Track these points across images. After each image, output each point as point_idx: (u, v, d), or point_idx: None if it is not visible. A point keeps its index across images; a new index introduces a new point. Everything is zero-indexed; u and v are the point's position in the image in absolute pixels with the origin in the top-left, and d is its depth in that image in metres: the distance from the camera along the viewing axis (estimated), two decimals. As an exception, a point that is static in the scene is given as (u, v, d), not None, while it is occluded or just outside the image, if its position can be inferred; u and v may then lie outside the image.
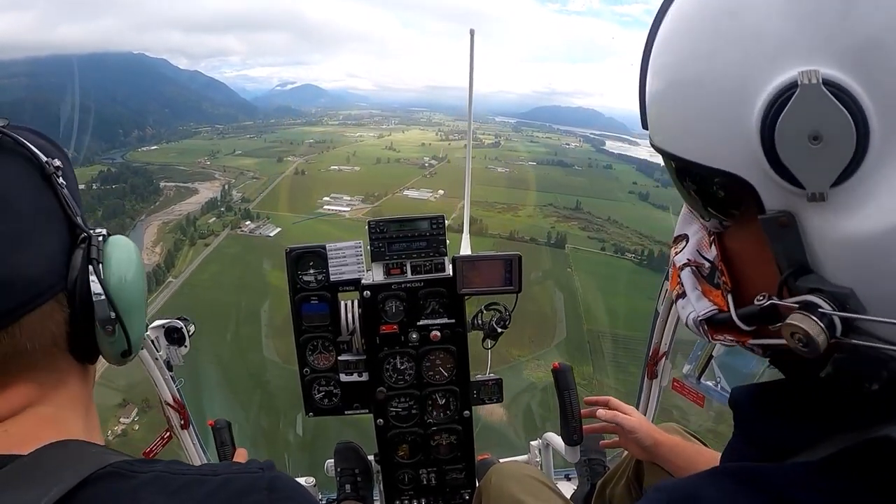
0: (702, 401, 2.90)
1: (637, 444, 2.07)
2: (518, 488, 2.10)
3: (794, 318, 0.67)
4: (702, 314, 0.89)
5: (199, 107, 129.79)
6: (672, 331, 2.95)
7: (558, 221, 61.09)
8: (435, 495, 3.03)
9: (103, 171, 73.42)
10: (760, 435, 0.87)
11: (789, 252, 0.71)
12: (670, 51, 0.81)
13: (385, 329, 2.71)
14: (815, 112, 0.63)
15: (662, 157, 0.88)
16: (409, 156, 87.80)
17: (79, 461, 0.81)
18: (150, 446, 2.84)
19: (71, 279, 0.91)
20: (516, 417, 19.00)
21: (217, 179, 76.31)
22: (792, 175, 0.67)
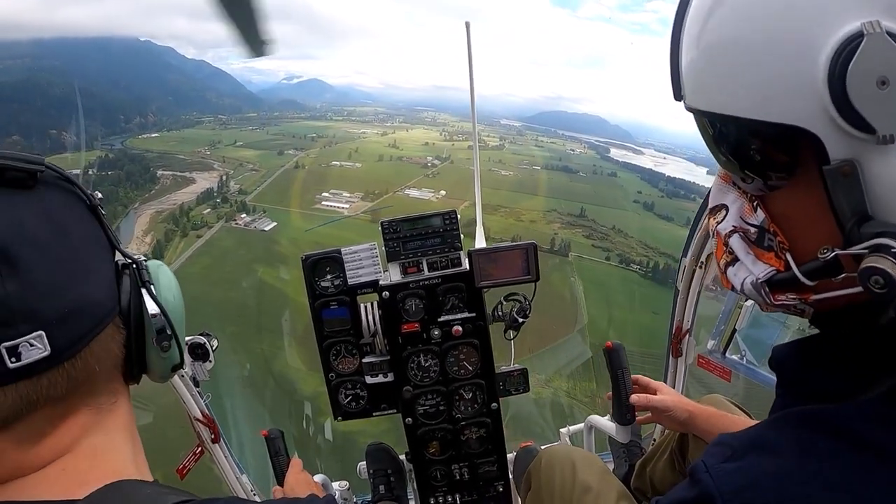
0: (728, 375, 2.90)
1: (671, 420, 2.12)
2: (570, 469, 2.09)
3: (869, 260, 0.70)
4: (762, 276, 0.91)
5: (204, 96, 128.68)
6: (693, 307, 2.96)
7: (562, 228, 59.71)
8: (469, 489, 3.00)
9: (101, 157, 72.15)
10: (810, 386, 0.92)
11: (852, 201, 0.74)
12: (715, 13, 0.83)
13: (406, 328, 2.70)
14: (883, 58, 0.68)
15: (705, 122, 0.92)
16: (412, 155, 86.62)
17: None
18: (182, 463, 2.81)
19: (124, 302, 0.96)
20: (544, 407, 18.44)
21: (216, 170, 75.35)
22: (862, 120, 0.70)
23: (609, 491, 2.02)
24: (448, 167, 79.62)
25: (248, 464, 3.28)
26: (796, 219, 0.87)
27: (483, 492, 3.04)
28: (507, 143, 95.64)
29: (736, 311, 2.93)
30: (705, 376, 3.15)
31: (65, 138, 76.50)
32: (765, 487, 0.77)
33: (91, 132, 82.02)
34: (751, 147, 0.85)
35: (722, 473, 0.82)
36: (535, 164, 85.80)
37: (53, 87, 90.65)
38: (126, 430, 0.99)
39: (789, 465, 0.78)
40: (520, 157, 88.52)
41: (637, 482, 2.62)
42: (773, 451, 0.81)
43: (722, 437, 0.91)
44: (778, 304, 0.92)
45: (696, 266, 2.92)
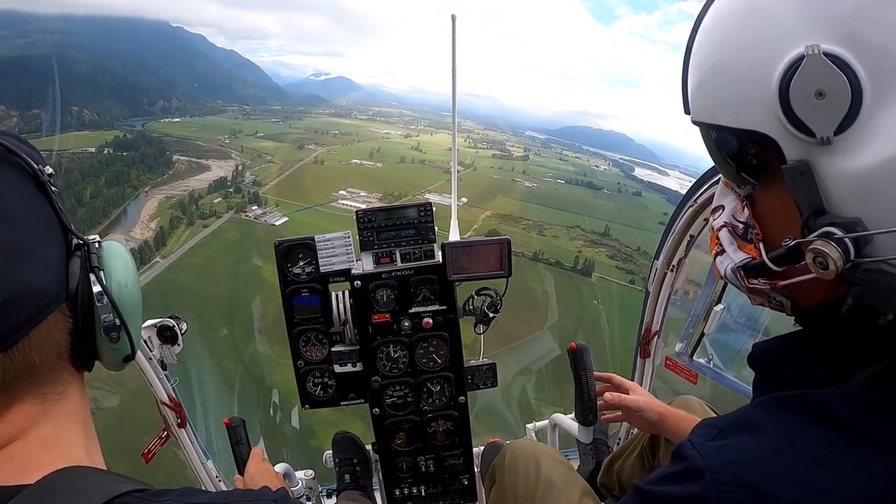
0: (695, 378, 2.97)
1: (643, 420, 2.14)
2: (535, 465, 2.12)
3: (815, 244, 0.83)
4: (738, 262, 1.06)
5: (230, 86, 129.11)
6: (663, 309, 3.04)
7: (585, 246, 56.75)
8: (434, 482, 3.00)
9: (118, 137, 71.77)
10: (792, 375, 1.00)
11: (808, 196, 0.88)
12: (709, 43, 1.00)
13: (377, 318, 2.68)
14: (818, 74, 0.82)
15: (704, 132, 1.07)
16: (435, 159, 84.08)
17: (89, 491, 0.81)
18: (147, 447, 2.80)
19: (72, 288, 0.91)
20: (511, 402, 18.75)
21: (232, 159, 74.05)
22: (804, 125, 0.84)
23: (572, 487, 2.05)
24: (471, 174, 77.81)
25: (215, 450, 3.23)
26: (772, 215, 1.01)
27: (448, 484, 3.02)
28: (532, 155, 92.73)
29: (705, 316, 2.88)
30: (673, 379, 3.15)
31: (85, 115, 76.86)
32: (751, 462, 0.84)
33: (112, 111, 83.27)
34: (735, 153, 1.01)
35: (709, 449, 0.89)
36: (559, 177, 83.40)
37: (79, 64, 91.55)
38: (77, 419, 0.95)
39: (774, 443, 0.86)
40: (544, 169, 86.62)
41: (604, 479, 2.66)
42: (758, 430, 0.89)
43: (706, 420, 1.01)
44: (751, 287, 1.05)
45: (667, 269, 2.95)
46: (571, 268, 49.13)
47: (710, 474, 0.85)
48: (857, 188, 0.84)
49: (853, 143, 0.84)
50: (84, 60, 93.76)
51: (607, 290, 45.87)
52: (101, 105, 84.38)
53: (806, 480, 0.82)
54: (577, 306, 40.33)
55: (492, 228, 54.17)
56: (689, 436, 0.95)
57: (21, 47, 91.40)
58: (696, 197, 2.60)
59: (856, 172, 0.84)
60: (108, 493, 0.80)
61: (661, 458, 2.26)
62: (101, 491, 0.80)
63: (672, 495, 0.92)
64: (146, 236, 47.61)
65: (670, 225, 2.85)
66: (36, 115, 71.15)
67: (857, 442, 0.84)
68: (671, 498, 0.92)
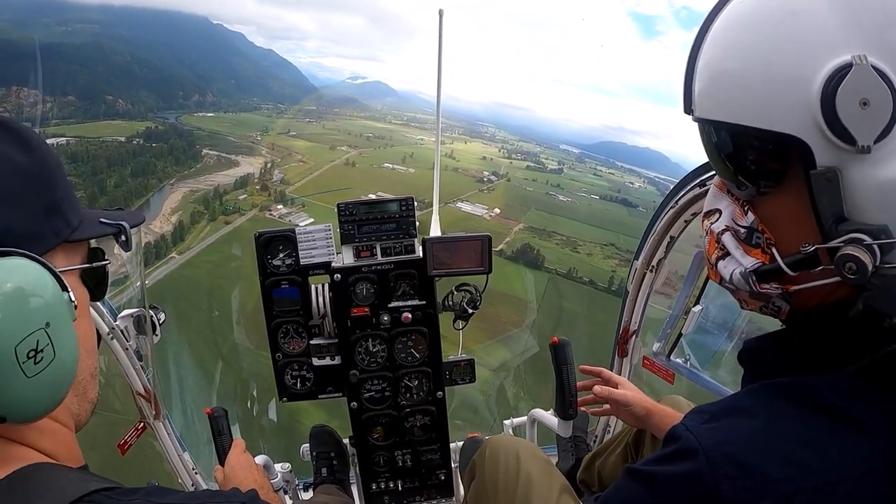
0: (672, 378, 2.99)
1: (630, 414, 2.18)
2: (515, 460, 2.13)
3: (846, 250, 0.86)
4: (750, 267, 1.06)
5: (266, 84, 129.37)
6: (641, 309, 3.09)
7: (620, 265, 53.74)
8: (411, 476, 3.03)
9: (150, 128, 71.73)
10: (781, 369, 1.02)
11: (832, 204, 0.89)
12: (732, 42, 1.00)
13: (356, 312, 2.71)
14: (865, 83, 0.84)
15: (708, 132, 1.08)
16: (469, 167, 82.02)
17: (59, 488, 0.80)
18: (123, 438, 2.76)
19: None
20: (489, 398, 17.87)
21: (262, 156, 73.64)
22: (847, 133, 0.86)
23: (552, 483, 2.06)
24: (505, 185, 76.18)
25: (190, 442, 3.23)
26: (783, 220, 1.02)
27: (425, 479, 3.05)
28: (566, 168, 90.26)
29: (683, 316, 2.92)
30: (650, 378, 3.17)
31: (119, 105, 77.15)
32: (743, 442, 0.89)
33: (147, 103, 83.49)
34: (748, 155, 1.01)
35: (703, 430, 0.92)
36: (594, 193, 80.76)
37: (116, 54, 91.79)
38: (44, 428, 0.91)
39: (765, 426, 0.90)
40: (578, 183, 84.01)
41: (584, 475, 2.70)
42: (750, 413, 0.93)
43: (698, 406, 1.05)
44: (762, 291, 1.05)
45: (646, 269, 2.97)
46: (605, 288, 46.68)
47: (704, 453, 0.88)
48: (886, 196, 0.87)
49: (887, 153, 0.86)
50: (122, 51, 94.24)
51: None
52: (136, 96, 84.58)
53: (796, 460, 0.85)
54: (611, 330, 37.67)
55: (525, 242, 53.00)
56: (682, 420, 0.97)
57: (60, 35, 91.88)
58: (678, 198, 2.59)
59: (887, 181, 0.86)
60: (78, 491, 0.78)
61: (646, 455, 2.22)
62: (71, 488, 0.78)
63: (667, 474, 0.95)
64: (165, 230, 46.15)
65: (651, 226, 2.87)
66: (70, 101, 71.52)
67: (844, 426, 0.87)
68: (666, 476, 0.95)
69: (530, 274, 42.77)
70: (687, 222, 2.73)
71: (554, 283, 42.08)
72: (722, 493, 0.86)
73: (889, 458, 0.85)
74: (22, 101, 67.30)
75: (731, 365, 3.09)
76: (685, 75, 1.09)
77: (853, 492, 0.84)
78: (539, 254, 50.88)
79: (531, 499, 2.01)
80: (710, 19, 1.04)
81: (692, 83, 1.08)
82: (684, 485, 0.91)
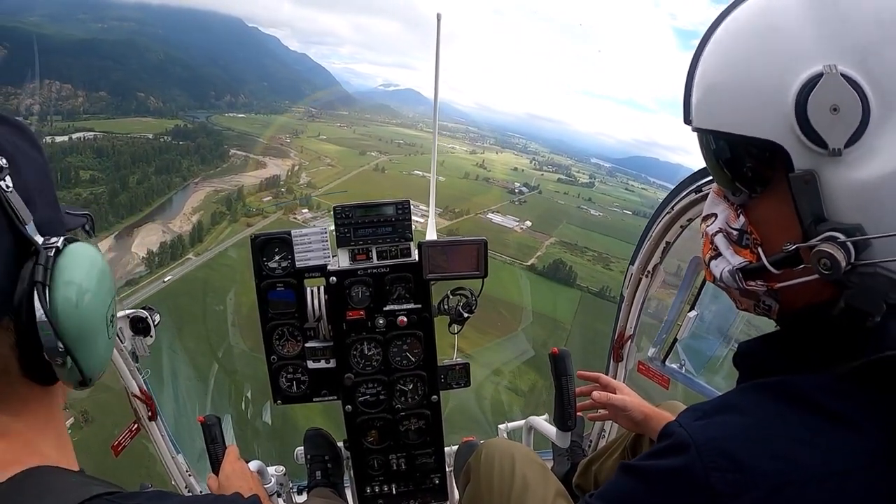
0: (667, 383, 3.02)
1: (628, 419, 2.20)
2: (510, 464, 2.15)
3: (820, 247, 0.92)
4: (737, 265, 1.12)
5: (299, 87, 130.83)
6: (637, 314, 3.12)
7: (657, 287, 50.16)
8: (405, 480, 3.03)
9: (179, 126, 72.36)
10: (773, 369, 1.06)
11: (811, 204, 0.95)
12: (724, 55, 1.07)
13: (351, 315, 2.70)
14: (835, 91, 0.90)
15: (706, 141, 1.14)
16: (500, 178, 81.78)
17: (60, 492, 0.80)
18: (117, 439, 2.83)
19: (17, 300, 0.82)
20: (484, 402, 17.62)
21: (290, 158, 73.67)
22: (818, 136, 0.92)
23: (547, 488, 2.07)
24: (536, 197, 75.22)
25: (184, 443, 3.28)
26: (769, 222, 1.08)
27: (419, 483, 3.05)
28: (598, 182, 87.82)
29: (678, 322, 2.97)
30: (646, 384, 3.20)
31: (151, 103, 78.18)
32: (734, 438, 0.92)
33: (178, 101, 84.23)
34: (738, 162, 1.08)
35: (695, 427, 0.96)
36: (626, 208, 77.97)
37: (150, 52, 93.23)
38: (48, 427, 0.92)
39: (755, 422, 0.94)
40: (610, 198, 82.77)
41: (580, 480, 2.72)
42: (741, 411, 0.97)
43: (692, 405, 1.08)
44: (748, 288, 1.12)
45: (642, 275, 3.00)
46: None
47: (696, 448, 0.92)
48: (859, 197, 0.93)
49: (859, 156, 0.92)
50: (156, 49, 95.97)
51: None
52: (168, 94, 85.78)
53: (785, 455, 0.89)
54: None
55: (558, 258, 51.70)
56: (676, 418, 1.02)
57: (96, 31, 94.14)
58: (673, 204, 2.63)
59: (859, 183, 0.92)
60: (81, 495, 0.78)
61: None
62: (73, 492, 0.78)
63: (660, 468, 0.98)
64: (184, 229, 44.88)
65: (646, 231, 2.92)
66: (102, 97, 72.62)
67: (831, 423, 0.91)
68: (659, 470, 0.98)
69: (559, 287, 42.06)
70: (683, 228, 2.78)
71: (585, 303, 41.82)
72: (713, 485, 0.89)
73: (876, 454, 0.88)
74: (53, 94, 67.12)
75: (725, 370, 3.11)
76: (685, 88, 1.14)
77: (840, 486, 0.87)
78: (571, 270, 49.86)
79: (526, 503, 2.01)
80: (707, 35, 1.10)
81: (691, 95, 1.13)
82: (677, 478, 0.94)
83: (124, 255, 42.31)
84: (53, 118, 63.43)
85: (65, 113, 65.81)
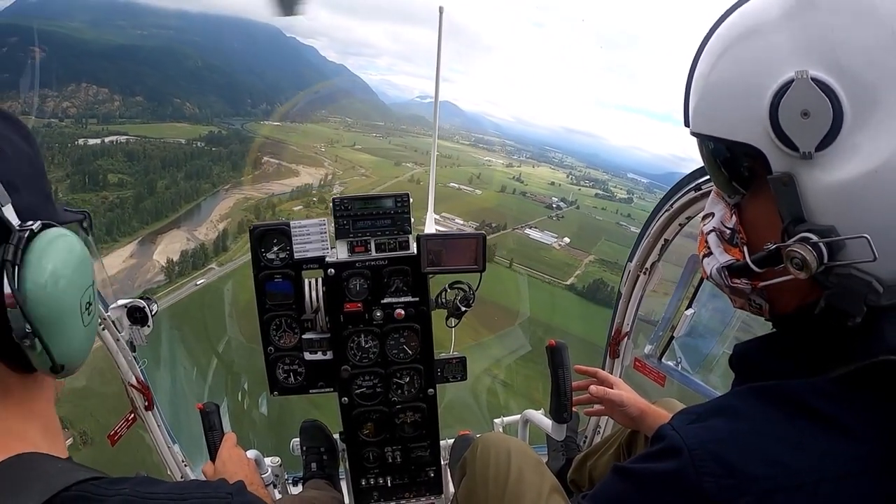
0: (662, 380, 3.04)
1: (624, 415, 2.22)
2: (506, 458, 2.14)
3: (792, 247, 0.95)
4: (724, 262, 1.17)
5: (336, 98, 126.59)
6: (634, 311, 3.14)
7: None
8: (400, 473, 3.05)
9: (213, 132, 72.72)
10: (768, 370, 1.08)
11: (789, 205, 0.99)
12: (713, 61, 1.10)
13: (349, 307, 2.70)
14: (805, 96, 0.93)
15: (701, 143, 1.18)
16: (537, 192, 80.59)
17: (45, 478, 0.80)
18: (113, 429, 2.85)
19: None
20: (479, 396, 17.01)
21: (324, 167, 73.93)
22: (789, 140, 0.95)
23: (542, 482, 2.07)
24: (574, 212, 73.73)
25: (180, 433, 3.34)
26: (756, 222, 1.11)
27: (414, 476, 3.06)
28: (636, 198, 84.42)
29: (675, 319, 2.99)
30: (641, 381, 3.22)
31: (186, 108, 79.17)
32: (727, 441, 0.92)
33: (214, 108, 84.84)
34: (728, 164, 1.12)
35: (688, 430, 0.96)
36: (666, 225, 74.05)
37: (188, 59, 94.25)
38: (32, 416, 0.92)
39: (748, 426, 0.94)
40: (647, 214, 77.02)
41: (574, 475, 2.73)
42: (734, 414, 0.97)
43: (685, 408, 1.12)
44: (734, 286, 1.17)
45: (640, 272, 3.03)
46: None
47: (689, 451, 0.92)
48: (834, 199, 0.95)
49: (832, 159, 0.94)
50: (193, 56, 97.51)
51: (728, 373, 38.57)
52: (204, 100, 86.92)
53: (778, 460, 0.89)
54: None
55: (598, 278, 50.12)
56: (669, 421, 1.02)
57: (135, 38, 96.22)
58: (672, 202, 2.65)
59: (833, 185, 0.94)
60: (67, 481, 0.79)
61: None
62: (60, 477, 0.79)
63: (652, 471, 0.98)
64: (209, 237, 43.10)
65: (645, 228, 2.94)
66: (138, 101, 73.04)
67: (825, 428, 0.91)
68: (651, 474, 0.98)
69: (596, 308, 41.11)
70: (681, 226, 2.79)
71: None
72: (705, 490, 0.90)
73: (869, 461, 0.89)
74: (90, 98, 67.10)
75: (721, 369, 3.11)
76: (684, 94, 1.19)
77: (833, 492, 0.88)
78: (612, 291, 45.88)
79: (521, 497, 2.01)
80: (705, 41, 1.14)
81: (689, 100, 1.17)
82: (669, 482, 0.94)
83: (146, 262, 40.86)
84: (89, 121, 64.43)
85: (100, 116, 66.98)
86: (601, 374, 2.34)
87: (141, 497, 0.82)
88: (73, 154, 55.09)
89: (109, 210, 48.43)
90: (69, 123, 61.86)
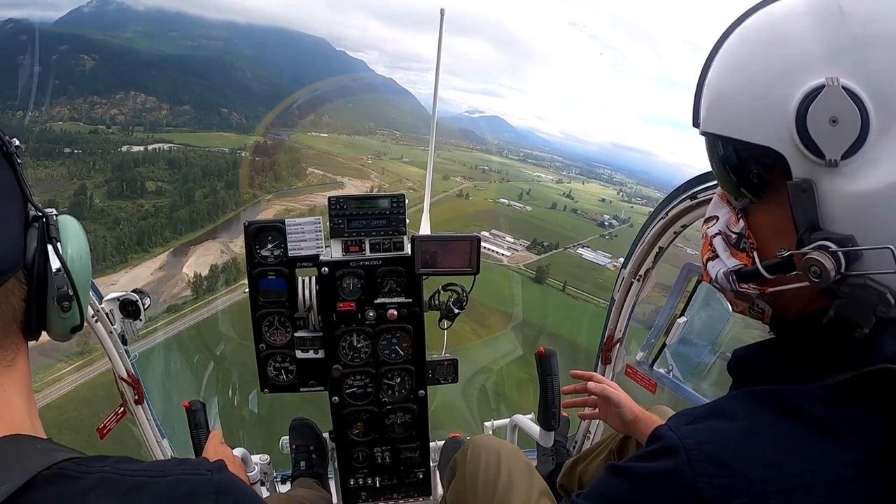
0: (653, 387, 3.04)
1: (619, 417, 2.23)
2: (496, 461, 2.15)
3: (811, 254, 0.96)
4: (732, 267, 1.17)
5: (383, 110, 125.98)
6: (627, 318, 3.18)
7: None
8: (389, 473, 3.07)
9: (259, 142, 72.95)
10: (765, 374, 1.11)
11: (807, 213, 0.99)
12: (733, 62, 1.11)
13: (342, 306, 2.72)
14: (835, 103, 0.93)
15: (712, 144, 1.18)
16: (589, 209, 77.39)
17: (25, 458, 0.83)
18: (103, 422, 2.86)
19: (28, 257, 0.96)
20: (471, 399, 17.91)
21: (370, 180, 72.49)
22: (816, 146, 0.96)
23: (531, 486, 2.09)
24: (626, 231, 67.86)
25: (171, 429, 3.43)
26: (767, 228, 1.11)
27: (403, 477, 3.08)
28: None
29: (668, 327, 2.98)
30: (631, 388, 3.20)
31: (234, 118, 79.42)
32: (722, 443, 0.96)
33: (261, 118, 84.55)
34: (741, 167, 1.11)
35: (685, 431, 1.00)
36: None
37: (237, 70, 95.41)
38: (23, 387, 0.98)
39: (744, 429, 0.97)
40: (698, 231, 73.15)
41: (564, 480, 2.73)
42: (730, 417, 1.00)
43: (682, 410, 1.14)
44: (741, 290, 1.16)
45: (633, 278, 3.06)
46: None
47: (686, 451, 0.95)
48: (854, 208, 0.96)
49: (856, 168, 0.94)
50: (242, 67, 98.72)
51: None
52: (252, 111, 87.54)
53: (772, 463, 0.92)
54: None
55: (659, 305, 43.34)
56: (666, 422, 1.05)
57: (186, 48, 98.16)
58: (668, 210, 2.65)
59: (855, 194, 0.95)
60: (45, 462, 0.81)
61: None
62: (39, 458, 0.82)
63: (649, 470, 1.00)
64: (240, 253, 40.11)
65: (640, 235, 2.96)
66: (185, 111, 73.83)
67: (821, 434, 0.94)
68: (647, 472, 1.01)
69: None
70: (676, 234, 2.79)
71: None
72: (700, 490, 0.92)
73: (862, 467, 0.92)
74: (138, 106, 66.88)
75: (712, 377, 3.12)
76: (695, 93, 1.18)
77: (826, 497, 0.90)
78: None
79: (510, 500, 2.03)
80: (720, 42, 1.13)
81: (700, 100, 1.17)
82: (665, 481, 0.97)
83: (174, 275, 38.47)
84: (135, 128, 65.12)
85: (147, 124, 68.10)
86: (597, 378, 2.34)
87: (120, 474, 0.85)
88: (114, 160, 55.42)
89: (142, 219, 48.17)
90: (116, 130, 62.61)
